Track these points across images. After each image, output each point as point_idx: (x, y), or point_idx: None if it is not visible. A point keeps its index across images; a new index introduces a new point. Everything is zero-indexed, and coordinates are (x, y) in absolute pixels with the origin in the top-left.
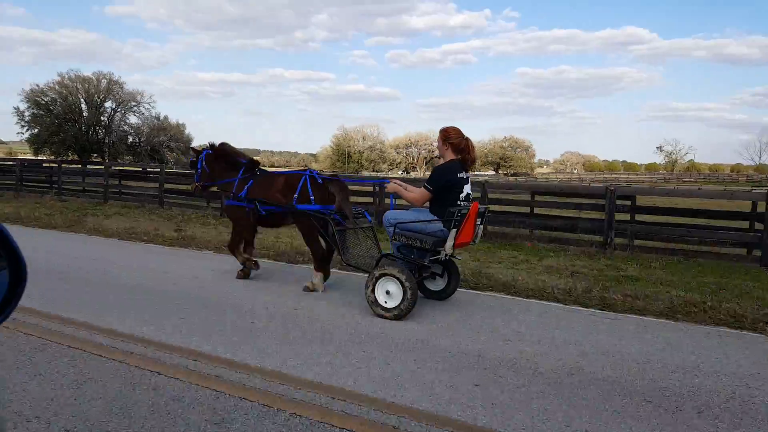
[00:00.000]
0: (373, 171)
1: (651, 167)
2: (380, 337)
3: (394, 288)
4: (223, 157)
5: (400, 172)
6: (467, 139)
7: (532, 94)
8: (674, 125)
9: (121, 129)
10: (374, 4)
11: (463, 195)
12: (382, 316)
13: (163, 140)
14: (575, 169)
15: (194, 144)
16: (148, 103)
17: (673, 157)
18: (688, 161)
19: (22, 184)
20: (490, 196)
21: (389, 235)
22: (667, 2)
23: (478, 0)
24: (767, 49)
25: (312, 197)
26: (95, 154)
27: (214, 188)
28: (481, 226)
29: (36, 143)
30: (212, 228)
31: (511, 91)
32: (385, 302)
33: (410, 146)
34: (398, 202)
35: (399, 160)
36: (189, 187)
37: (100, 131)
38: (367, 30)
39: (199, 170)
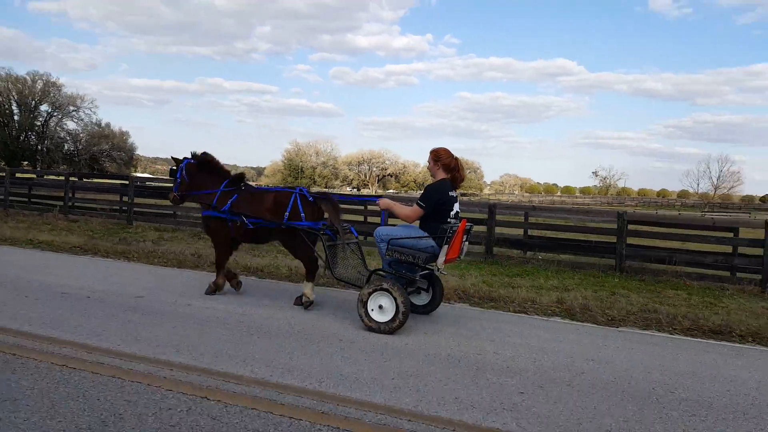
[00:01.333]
0: (326, 187)
1: (585, 191)
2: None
3: (387, 302)
4: (205, 167)
5: (349, 189)
6: (457, 159)
7: (471, 117)
8: (599, 152)
9: (57, 135)
10: (319, 21)
11: (452, 213)
12: (375, 331)
13: (105, 149)
14: (515, 191)
15: (138, 153)
16: (89, 109)
17: (608, 182)
18: (619, 186)
19: (9, 200)
20: (630, 228)
21: (380, 251)
22: (595, 38)
23: (421, 25)
24: (678, 86)
25: (302, 214)
26: (26, 162)
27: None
28: (467, 243)
29: None
30: (284, 256)
31: (451, 114)
32: (379, 317)
33: (362, 163)
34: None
35: (351, 177)
36: (168, 199)
37: (32, 137)
38: (311, 45)
39: (179, 179)
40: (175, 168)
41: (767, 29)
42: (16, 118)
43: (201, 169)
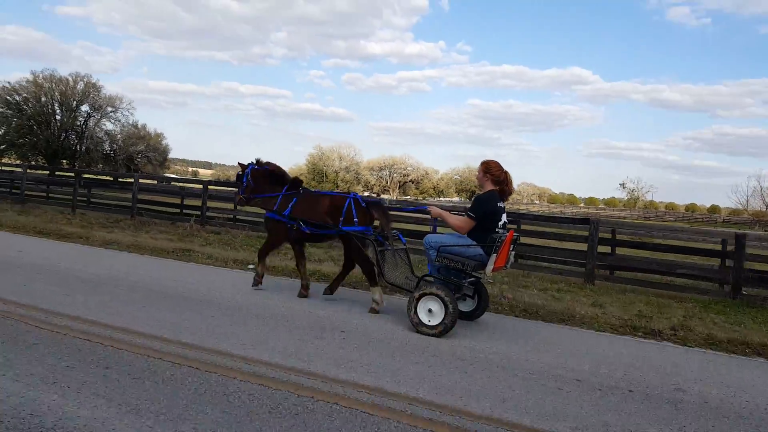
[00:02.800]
0: (348, 192)
1: (610, 203)
2: None
3: (436, 306)
4: (268, 172)
5: (366, 193)
6: (506, 173)
7: (482, 125)
8: (614, 163)
9: (96, 135)
10: (333, 27)
11: (501, 223)
12: (426, 334)
13: (141, 149)
14: (534, 200)
15: (170, 156)
16: (127, 110)
17: (635, 194)
18: (647, 199)
19: (139, 208)
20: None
21: (429, 257)
22: (610, 47)
23: (433, 31)
24: (697, 97)
25: (356, 219)
26: (65, 161)
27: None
28: (513, 253)
29: (2, 144)
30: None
31: (462, 121)
32: (429, 320)
33: (383, 169)
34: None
35: (373, 182)
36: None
37: (72, 136)
38: (325, 51)
39: (245, 183)
40: (241, 173)
41: None
42: (57, 117)
43: (264, 174)
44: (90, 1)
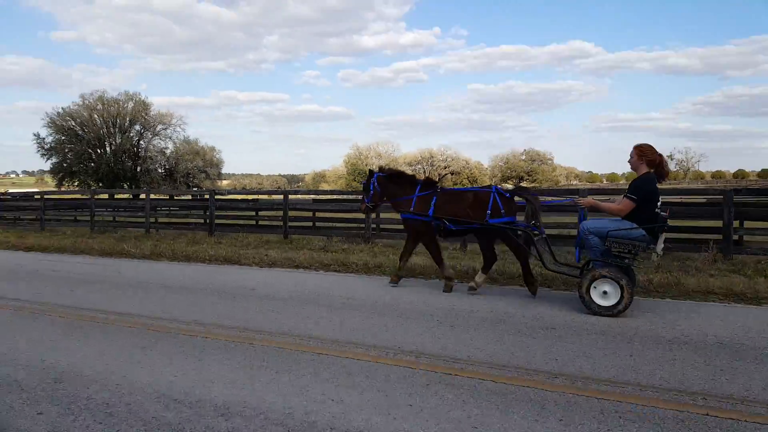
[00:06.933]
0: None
1: None
2: None
3: (610, 288)
4: (396, 177)
5: None
6: (661, 155)
7: (484, 109)
8: (624, 135)
9: (153, 154)
10: (324, 24)
11: (659, 204)
12: (597, 314)
13: (198, 165)
14: (575, 180)
15: (224, 170)
16: (178, 126)
17: (685, 165)
18: (696, 169)
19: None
20: None
21: (589, 243)
22: (611, 16)
23: (427, 18)
24: (706, 60)
25: (503, 210)
26: (125, 184)
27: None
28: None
29: (60, 172)
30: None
31: (464, 108)
32: (602, 301)
33: (420, 162)
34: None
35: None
36: (360, 209)
37: (127, 158)
38: (318, 50)
39: (372, 192)
40: (366, 182)
41: None
42: (111, 139)
43: (391, 180)
44: (82, 24)
